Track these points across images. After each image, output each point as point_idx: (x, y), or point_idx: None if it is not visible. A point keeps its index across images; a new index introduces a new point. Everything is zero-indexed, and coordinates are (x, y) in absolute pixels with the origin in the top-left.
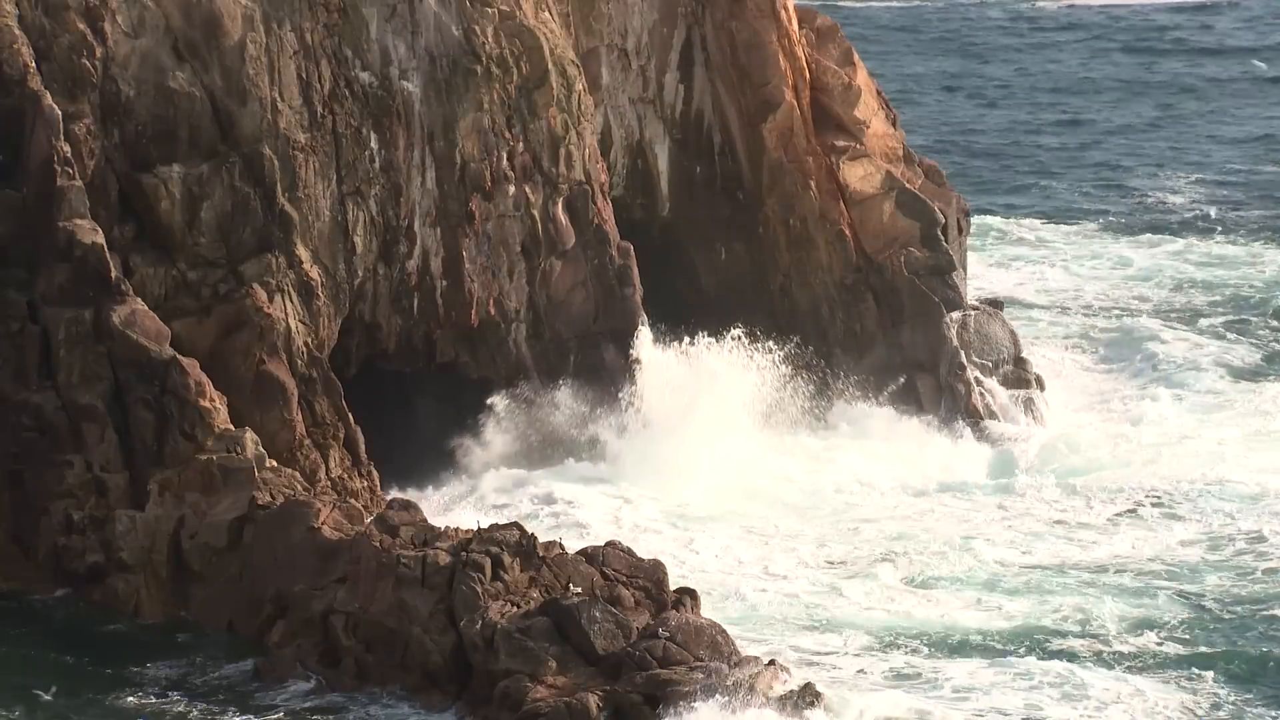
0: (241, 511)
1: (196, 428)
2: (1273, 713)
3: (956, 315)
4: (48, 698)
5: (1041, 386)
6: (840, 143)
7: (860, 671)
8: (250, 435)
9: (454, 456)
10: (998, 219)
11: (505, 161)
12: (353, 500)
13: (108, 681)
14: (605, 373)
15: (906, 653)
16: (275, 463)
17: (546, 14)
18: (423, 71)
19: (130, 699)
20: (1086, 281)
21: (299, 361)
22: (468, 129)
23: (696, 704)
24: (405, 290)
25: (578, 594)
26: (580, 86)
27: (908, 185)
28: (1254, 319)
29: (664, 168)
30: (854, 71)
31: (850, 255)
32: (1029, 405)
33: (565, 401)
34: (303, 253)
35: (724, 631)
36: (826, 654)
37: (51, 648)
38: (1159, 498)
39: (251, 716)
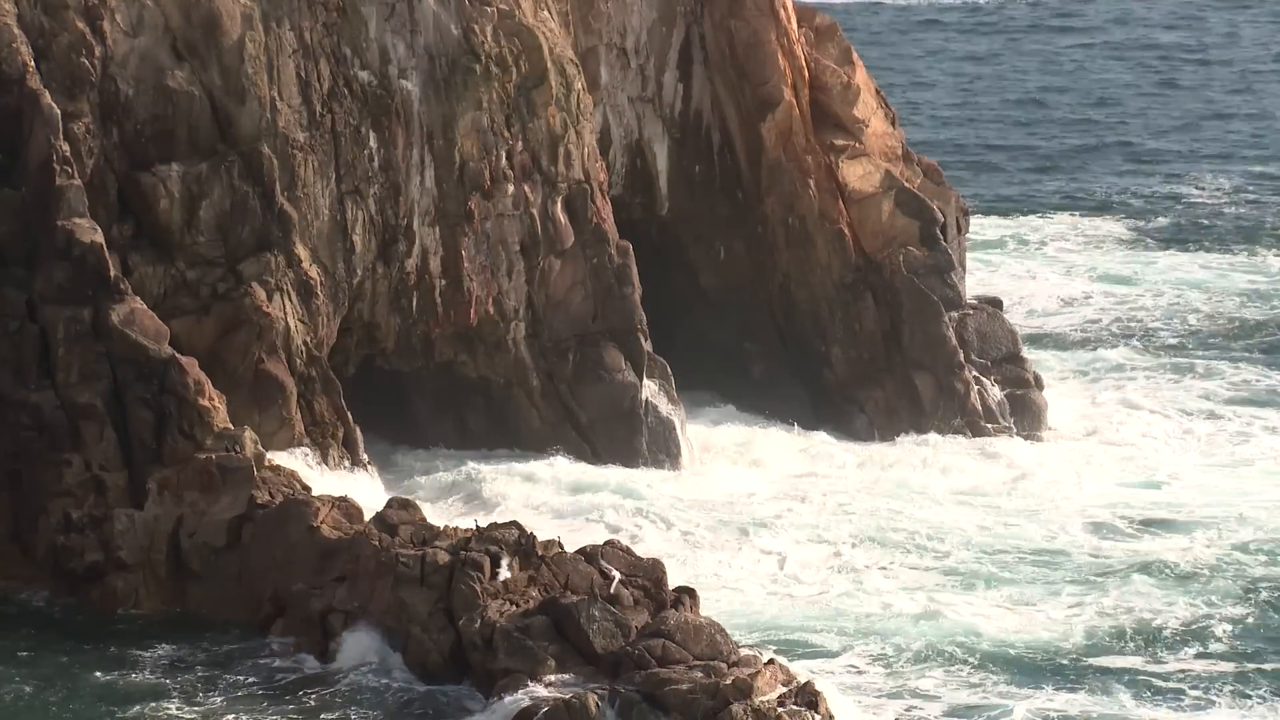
0: (240, 510)
1: (195, 427)
2: None
3: (955, 314)
4: (47, 688)
5: (1040, 385)
6: (839, 141)
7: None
8: (249, 434)
9: None
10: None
11: (504, 161)
12: (351, 499)
13: (106, 672)
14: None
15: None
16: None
17: (545, 13)
18: (422, 70)
19: (128, 690)
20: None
21: (298, 360)
22: (467, 128)
23: None
24: (404, 289)
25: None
26: (579, 85)
27: (907, 184)
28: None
29: (663, 167)
30: (853, 70)
31: (849, 254)
32: (1026, 405)
33: None
34: (301, 252)
35: (723, 630)
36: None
37: (51, 640)
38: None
39: (251, 708)
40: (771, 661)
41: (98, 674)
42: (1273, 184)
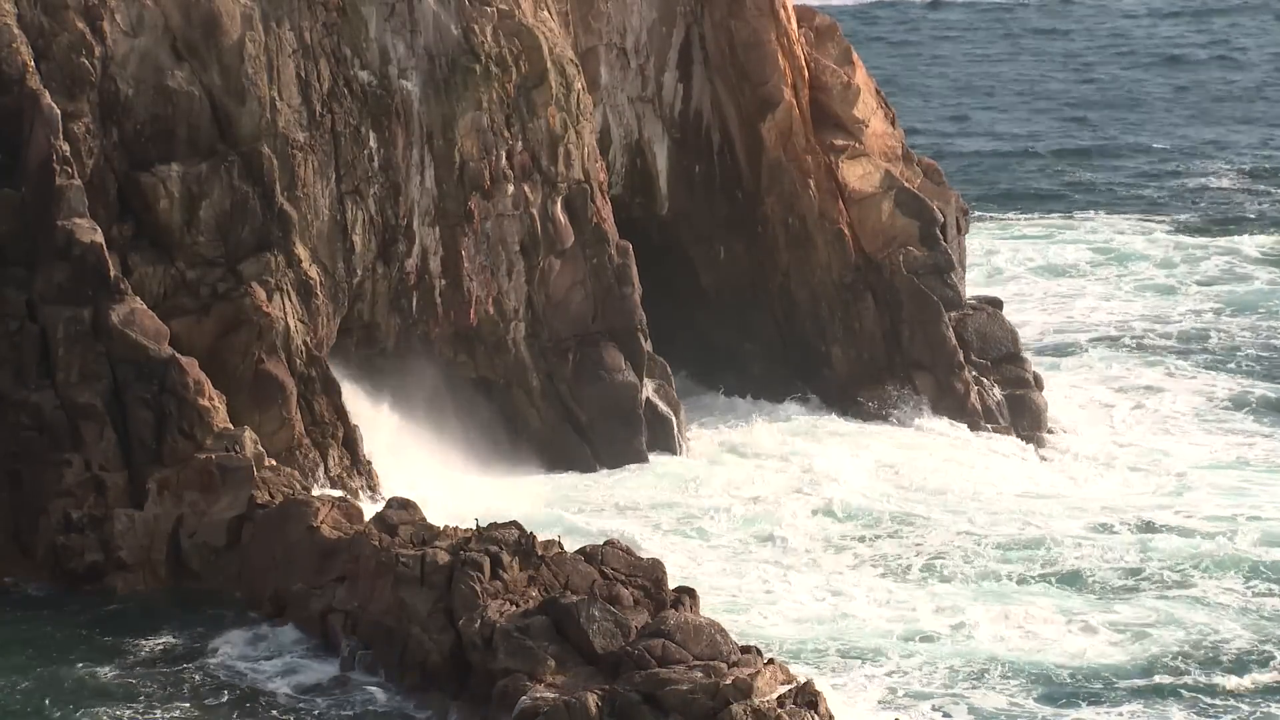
0: (240, 510)
1: (195, 427)
2: None
3: (955, 314)
4: (52, 677)
5: (1040, 386)
6: (839, 141)
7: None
8: (249, 434)
9: None
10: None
11: (504, 161)
12: (351, 499)
13: (106, 661)
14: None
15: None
16: (274, 461)
17: (545, 13)
18: (421, 70)
19: (128, 681)
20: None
21: (298, 360)
22: (466, 128)
23: None
24: (404, 289)
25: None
26: (579, 85)
27: (906, 184)
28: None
29: (663, 167)
30: (853, 70)
31: (849, 254)
32: (1026, 405)
33: None
34: (301, 252)
35: (723, 630)
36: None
37: (52, 629)
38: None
39: (254, 700)
40: (771, 661)
41: (74, 665)
42: None
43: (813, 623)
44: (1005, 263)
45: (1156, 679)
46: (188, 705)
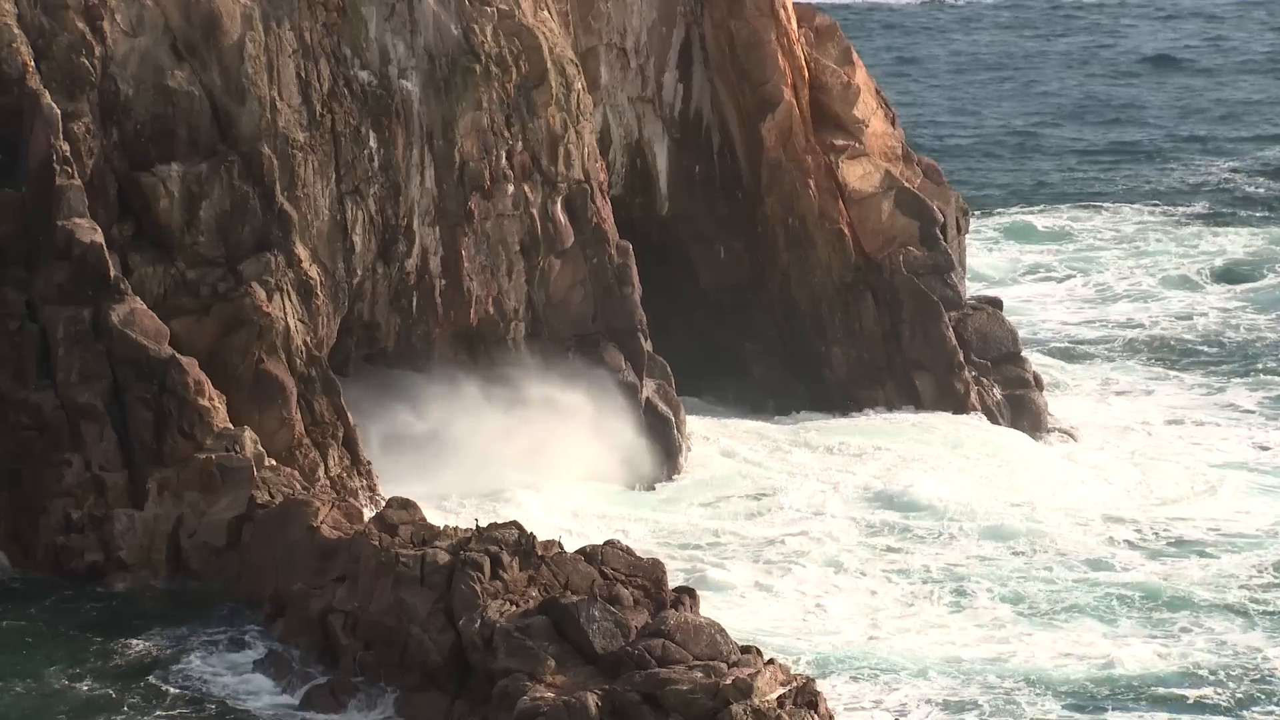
0: (240, 510)
1: (195, 427)
2: None
3: (955, 314)
4: (57, 672)
5: (1040, 386)
6: (839, 141)
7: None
8: (249, 434)
9: None
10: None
11: (504, 160)
12: (351, 499)
13: (99, 663)
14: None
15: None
16: (274, 461)
17: (545, 13)
18: (422, 70)
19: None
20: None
21: (298, 360)
22: (467, 128)
23: None
24: (404, 289)
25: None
26: (579, 85)
27: (906, 184)
28: None
29: (663, 167)
30: (853, 70)
31: (849, 254)
32: (1026, 405)
33: None
34: (301, 252)
35: (723, 630)
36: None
37: (45, 630)
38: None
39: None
40: (771, 661)
41: (64, 667)
42: None
43: (828, 634)
44: (1016, 261)
45: (1189, 693)
46: (184, 707)
